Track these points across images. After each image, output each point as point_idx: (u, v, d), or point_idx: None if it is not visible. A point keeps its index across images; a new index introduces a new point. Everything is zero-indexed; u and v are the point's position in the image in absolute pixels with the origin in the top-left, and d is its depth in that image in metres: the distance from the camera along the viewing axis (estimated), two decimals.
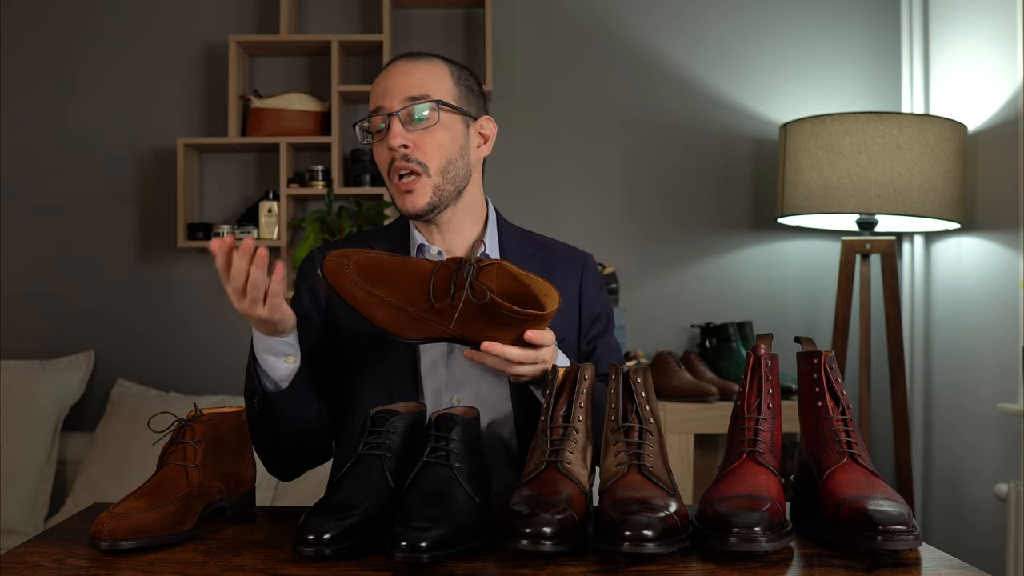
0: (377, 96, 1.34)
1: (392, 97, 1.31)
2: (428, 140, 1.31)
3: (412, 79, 1.32)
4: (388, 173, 1.33)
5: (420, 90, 1.32)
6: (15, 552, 1.00)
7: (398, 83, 1.32)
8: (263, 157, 2.98)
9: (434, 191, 1.32)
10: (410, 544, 0.90)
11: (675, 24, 2.99)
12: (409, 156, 1.30)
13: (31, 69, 2.99)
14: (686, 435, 2.53)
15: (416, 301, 1.11)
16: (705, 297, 2.96)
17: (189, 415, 1.14)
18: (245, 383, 1.26)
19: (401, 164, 1.30)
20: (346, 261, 1.12)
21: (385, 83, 1.33)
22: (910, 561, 0.96)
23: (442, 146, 1.32)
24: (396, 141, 1.29)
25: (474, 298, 1.08)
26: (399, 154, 1.30)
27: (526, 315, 1.10)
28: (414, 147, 1.30)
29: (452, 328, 1.11)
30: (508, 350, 1.12)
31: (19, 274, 2.96)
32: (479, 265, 1.11)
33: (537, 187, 2.97)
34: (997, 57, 2.47)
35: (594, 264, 1.50)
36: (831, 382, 1.09)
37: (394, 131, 1.30)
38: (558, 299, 1.13)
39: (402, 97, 1.31)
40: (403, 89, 1.31)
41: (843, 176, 2.46)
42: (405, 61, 1.35)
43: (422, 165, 1.31)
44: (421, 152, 1.31)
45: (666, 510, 0.93)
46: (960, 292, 2.63)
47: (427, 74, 1.34)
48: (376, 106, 1.33)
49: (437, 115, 1.32)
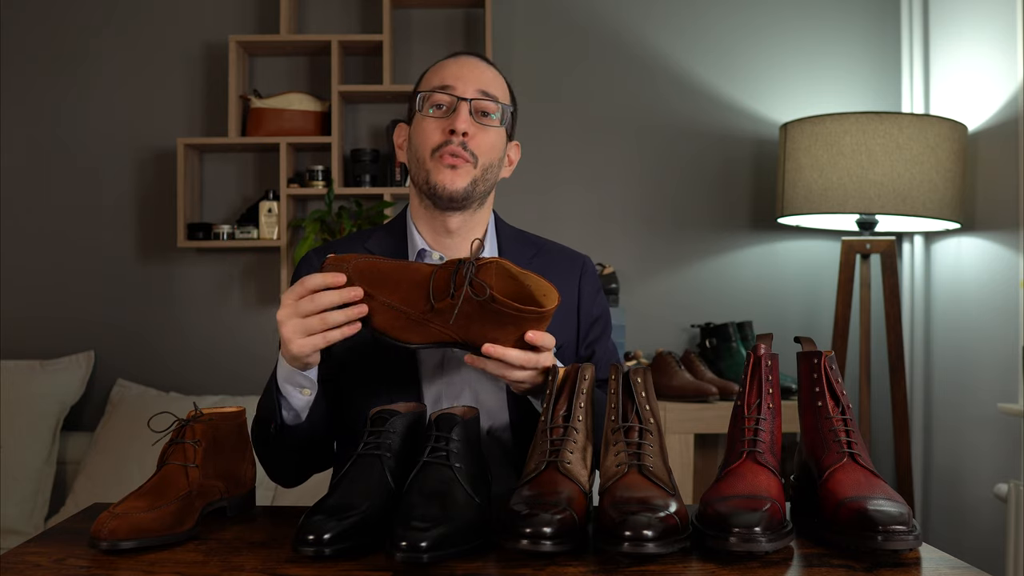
0: (448, 76, 1.35)
1: (467, 84, 1.33)
2: (485, 137, 1.34)
3: (487, 76, 1.36)
4: (434, 150, 1.33)
5: (493, 88, 1.36)
6: (15, 552, 1.00)
7: (474, 74, 1.35)
8: (263, 157, 2.98)
9: (472, 181, 1.34)
10: (410, 544, 0.90)
11: (675, 24, 2.99)
12: (466, 145, 1.32)
13: (31, 69, 2.99)
14: (686, 435, 2.53)
15: (416, 303, 1.11)
16: (705, 297, 2.96)
17: (189, 415, 1.14)
18: (261, 406, 1.27)
19: (456, 148, 1.32)
20: (345, 264, 1.12)
21: (460, 69, 1.35)
22: (910, 561, 0.96)
23: (494, 147, 1.36)
24: (462, 126, 1.31)
25: (474, 295, 1.08)
26: (457, 140, 1.31)
27: (526, 312, 1.10)
28: (472, 137, 1.33)
29: (452, 327, 1.11)
30: (509, 352, 1.11)
31: (19, 274, 2.96)
32: (478, 263, 1.10)
33: (537, 187, 2.96)
34: (997, 57, 2.47)
35: (592, 267, 1.50)
36: (831, 382, 1.09)
37: (462, 116, 1.31)
38: (557, 297, 1.13)
39: (477, 88, 1.34)
40: (479, 81, 1.34)
41: (843, 176, 2.46)
42: (477, 60, 1.38)
43: (474, 156, 1.33)
44: (476, 145, 1.33)
45: (666, 510, 0.93)
46: (960, 292, 2.63)
47: (497, 80, 1.39)
48: (446, 84, 1.34)
49: (500, 119, 1.36)
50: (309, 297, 1.10)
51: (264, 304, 2.96)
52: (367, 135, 2.99)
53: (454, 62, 1.37)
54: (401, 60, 2.94)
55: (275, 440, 1.26)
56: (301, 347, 1.12)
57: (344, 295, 1.10)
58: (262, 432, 1.27)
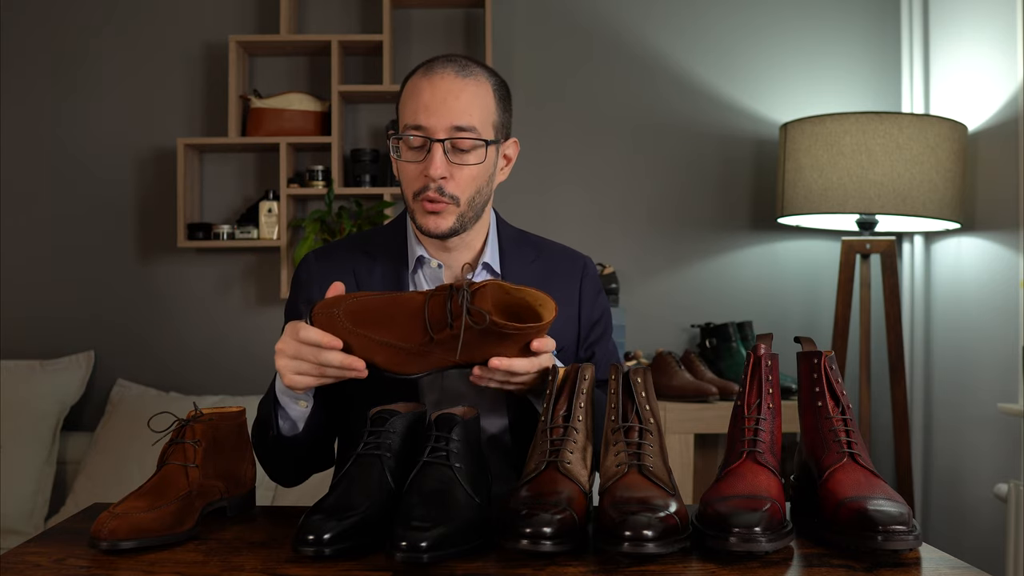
0: (420, 111, 1.26)
1: (437, 120, 1.25)
2: (464, 173, 1.28)
3: (460, 104, 1.26)
4: (415, 195, 1.29)
5: (467, 119, 1.26)
6: (15, 552, 1.00)
7: (446, 105, 1.26)
8: (263, 157, 2.98)
9: (458, 218, 1.30)
10: (410, 544, 0.90)
11: (675, 24, 2.99)
12: (444, 189, 1.27)
13: (31, 69, 2.99)
14: (686, 435, 2.53)
15: (413, 336, 1.09)
16: (705, 297, 2.96)
17: (189, 415, 1.14)
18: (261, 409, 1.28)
19: (434, 195, 1.27)
20: (335, 311, 1.10)
21: (431, 99, 1.26)
22: (910, 561, 0.96)
23: (475, 179, 1.30)
24: (437, 172, 1.25)
25: (474, 323, 1.06)
26: (434, 185, 1.27)
27: (528, 329, 1.09)
28: (450, 179, 1.27)
29: (459, 358, 1.10)
30: (515, 363, 1.11)
31: (19, 274, 2.96)
32: (472, 289, 1.08)
33: (537, 187, 2.96)
34: (997, 57, 2.47)
35: (593, 268, 1.50)
36: (831, 382, 1.09)
37: (436, 161, 1.25)
38: (555, 307, 1.12)
39: (448, 125, 1.25)
40: (450, 115, 1.25)
41: (843, 176, 2.46)
42: (453, 75, 1.28)
43: (454, 198, 1.28)
44: (455, 185, 1.28)
45: (666, 510, 0.93)
46: (960, 292, 2.63)
47: (474, 99, 1.28)
48: (417, 123, 1.26)
49: (483, 152, 1.29)
50: (311, 350, 1.09)
51: (264, 304, 2.96)
52: (367, 135, 2.99)
53: (428, 86, 1.27)
54: (401, 60, 2.93)
55: (273, 445, 1.26)
56: (294, 382, 1.13)
57: (345, 362, 1.09)
58: (261, 435, 1.28)
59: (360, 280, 1.38)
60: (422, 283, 1.38)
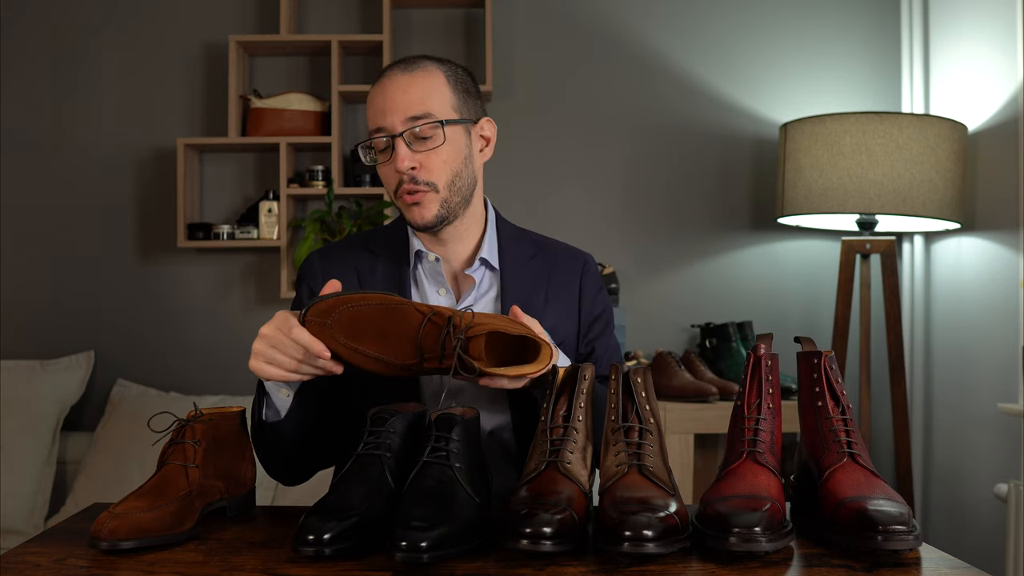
0: (376, 115, 1.31)
1: (392, 117, 1.29)
2: (434, 158, 1.30)
3: (410, 96, 1.29)
4: (395, 191, 1.33)
5: (421, 108, 1.29)
6: (15, 552, 1.00)
7: (396, 101, 1.29)
8: (263, 157, 2.98)
9: (442, 204, 1.32)
10: (410, 544, 0.90)
11: (675, 24, 2.99)
12: (417, 178, 1.30)
13: (31, 69, 2.99)
14: (686, 435, 2.53)
15: (405, 355, 1.11)
16: (705, 297, 2.96)
17: (189, 415, 1.14)
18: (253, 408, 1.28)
19: (409, 186, 1.30)
20: (328, 320, 1.10)
21: (383, 101, 1.30)
22: (910, 561, 0.96)
23: (447, 161, 1.31)
24: (404, 164, 1.28)
25: (462, 370, 1.08)
26: (407, 176, 1.30)
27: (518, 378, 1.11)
28: (420, 167, 1.30)
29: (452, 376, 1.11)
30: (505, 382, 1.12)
31: (19, 274, 2.96)
32: (468, 336, 1.08)
33: (537, 187, 2.97)
34: (997, 57, 2.47)
35: (594, 265, 1.50)
36: (831, 382, 1.09)
37: (400, 154, 1.28)
38: (550, 356, 1.11)
39: (403, 117, 1.29)
40: (403, 108, 1.29)
41: (843, 176, 2.46)
42: (400, 74, 1.31)
43: (430, 184, 1.30)
44: (428, 172, 1.30)
45: (666, 510, 0.93)
46: (960, 292, 2.63)
47: (425, 88, 1.30)
48: (376, 126, 1.31)
49: (441, 133, 1.30)
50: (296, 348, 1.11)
51: (264, 304, 2.96)
52: (367, 135, 2.99)
53: (378, 94, 1.31)
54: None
55: (257, 431, 1.27)
56: (260, 369, 1.14)
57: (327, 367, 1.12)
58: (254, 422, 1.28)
59: (363, 278, 1.39)
60: (422, 279, 1.39)
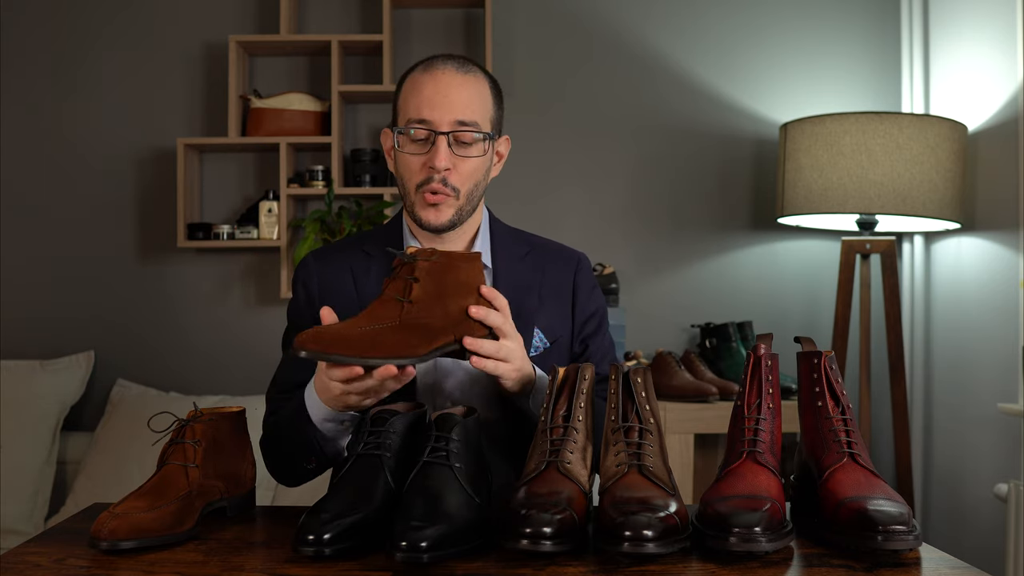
0: (423, 105, 1.31)
1: (442, 114, 1.30)
2: (466, 166, 1.32)
3: (462, 98, 1.31)
4: (417, 186, 1.33)
5: (471, 114, 1.31)
6: (15, 552, 1.00)
7: (449, 98, 1.30)
8: (263, 157, 2.98)
9: (457, 211, 1.34)
10: (410, 544, 0.90)
11: (675, 24, 2.99)
12: (447, 180, 1.31)
13: (31, 69, 2.99)
14: (686, 435, 2.53)
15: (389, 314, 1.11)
16: (705, 297, 2.96)
17: (189, 415, 1.14)
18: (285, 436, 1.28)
19: (437, 186, 1.30)
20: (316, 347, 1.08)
21: (434, 93, 1.31)
22: (910, 561, 0.96)
23: (475, 171, 1.34)
24: (442, 164, 1.29)
25: (428, 259, 1.12)
26: (438, 176, 1.30)
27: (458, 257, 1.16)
28: (453, 171, 1.31)
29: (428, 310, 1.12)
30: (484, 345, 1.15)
31: (19, 274, 2.96)
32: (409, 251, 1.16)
33: (537, 187, 2.96)
34: (997, 57, 2.47)
35: (588, 264, 1.51)
36: (831, 382, 1.09)
37: (441, 153, 1.29)
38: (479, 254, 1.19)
39: (452, 119, 1.30)
40: (454, 109, 1.30)
41: (843, 176, 2.46)
42: (455, 72, 1.32)
43: (455, 190, 1.32)
44: (458, 177, 1.32)
45: (666, 510, 0.93)
46: (960, 292, 2.63)
47: (475, 94, 1.33)
48: (421, 117, 1.30)
49: (482, 144, 1.33)
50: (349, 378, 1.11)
51: (264, 304, 2.96)
52: (367, 135, 2.99)
53: (430, 81, 1.32)
54: (401, 60, 2.93)
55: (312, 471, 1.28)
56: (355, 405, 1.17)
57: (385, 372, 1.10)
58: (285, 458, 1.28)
59: (358, 279, 1.40)
60: None
